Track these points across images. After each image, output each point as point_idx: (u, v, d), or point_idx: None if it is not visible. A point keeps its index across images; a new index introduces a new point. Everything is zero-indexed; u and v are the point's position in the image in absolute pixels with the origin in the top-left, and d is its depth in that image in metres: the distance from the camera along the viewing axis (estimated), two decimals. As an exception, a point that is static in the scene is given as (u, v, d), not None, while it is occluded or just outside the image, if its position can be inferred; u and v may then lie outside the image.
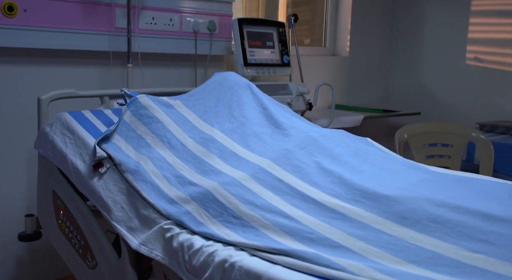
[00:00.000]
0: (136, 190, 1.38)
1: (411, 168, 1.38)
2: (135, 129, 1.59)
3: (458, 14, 3.43)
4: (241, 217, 1.21)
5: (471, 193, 1.20)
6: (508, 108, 3.21)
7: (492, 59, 3.28)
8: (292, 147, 1.42)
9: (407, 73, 3.74)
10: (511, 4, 3.16)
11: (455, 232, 1.03)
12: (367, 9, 3.61)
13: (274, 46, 2.71)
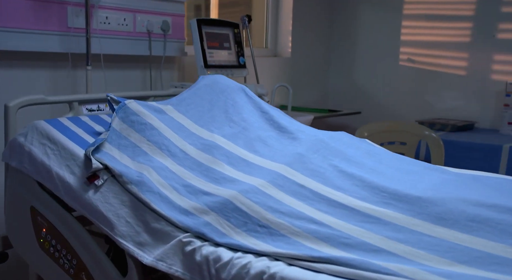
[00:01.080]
0: (144, 202, 1.30)
1: (428, 168, 1.43)
2: (127, 136, 1.49)
3: (391, 18, 3.62)
4: (268, 226, 1.18)
5: (496, 191, 1.25)
6: (439, 106, 3.46)
7: (423, 60, 3.51)
8: (304, 151, 1.42)
9: (345, 73, 3.88)
10: (440, 9, 3.39)
11: (497, 230, 1.07)
12: (307, 11, 3.69)
13: (231, 47, 2.68)
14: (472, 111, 3.32)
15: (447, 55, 3.40)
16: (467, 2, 3.29)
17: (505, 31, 3.15)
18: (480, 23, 3.25)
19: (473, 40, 3.29)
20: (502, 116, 3.03)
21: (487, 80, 3.25)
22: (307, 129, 1.57)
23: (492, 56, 3.22)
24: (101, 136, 1.48)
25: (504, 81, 3.15)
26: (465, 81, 3.34)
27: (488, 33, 3.21)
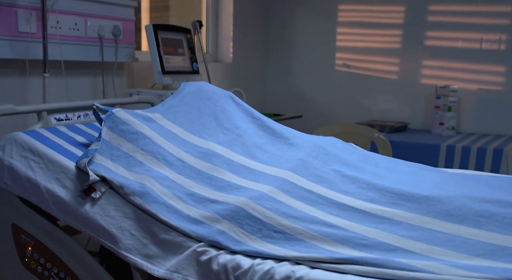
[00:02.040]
0: (151, 213, 1.27)
1: (422, 169, 1.52)
2: (118, 146, 1.45)
3: (326, 24, 3.78)
4: (284, 231, 1.20)
5: (492, 188, 1.37)
6: (374, 108, 3.67)
7: (358, 65, 3.71)
8: (305, 157, 1.45)
9: (283, 78, 3.98)
10: (372, 17, 3.60)
11: (505, 224, 1.17)
12: (246, 17, 3.74)
13: (184, 53, 2.66)
14: (404, 113, 3.56)
15: (380, 60, 3.62)
16: (397, 11, 3.52)
17: (432, 38, 3.42)
18: (409, 30, 3.49)
19: (403, 46, 3.53)
20: (434, 117, 3.28)
21: (417, 84, 3.50)
22: (301, 134, 1.62)
23: (421, 61, 3.48)
24: (92, 147, 1.42)
25: (432, 85, 3.41)
26: (397, 85, 3.57)
27: (417, 40, 3.46)
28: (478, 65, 3.29)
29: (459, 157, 2.81)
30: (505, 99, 3.23)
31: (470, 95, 3.33)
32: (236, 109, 1.68)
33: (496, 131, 3.26)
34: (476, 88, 3.31)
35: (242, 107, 1.70)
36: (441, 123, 3.22)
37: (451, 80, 3.37)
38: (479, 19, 3.26)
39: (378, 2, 3.57)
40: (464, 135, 3.20)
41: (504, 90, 3.23)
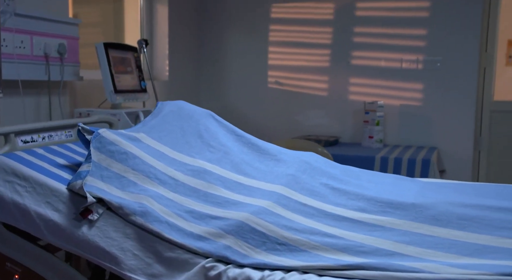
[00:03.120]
0: (154, 232, 1.28)
1: (398, 179, 1.66)
2: (108, 167, 1.43)
3: (258, 44, 3.92)
4: (287, 243, 1.27)
5: (464, 194, 1.53)
6: (306, 124, 3.85)
7: (290, 82, 3.88)
8: (294, 172, 1.53)
9: (216, 96, 4.05)
10: (302, 37, 3.81)
11: (483, 225, 1.32)
12: (180, 35, 3.78)
13: (133, 72, 2.65)
14: (335, 128, 3.79)
15: (310, 78, 3.82)
16: (325, 32, 3.75)
17: (358, 58, 3.68)
18: (337, 50, 3.73)
19: (332, 65, 3.76)
20: (363, 131, 3.52)
21: (345, 100, 3.74)
22: (285, 150, 1.70)
23: (348, 79, 3.73)
24: (83, 168, 1.40)
25: (359, 101, 3.67)
26: (328, 101, 3.79)
27: (344, 59, 3.71)
28: (399, 83, 3.60)
29: (392, 168, 3.05)
30: (424, 113, 3.56)
31: (393, 110, 3.62)
32: (218, 127, 1.73)
33: (418, 143, 3.57)
34: (399, 104, 3.61)
35: (224, 125, 1.76)
36: (371, 136, 3.47)
37: (376, 97, 3.65)
38: (399, 41, 3.57)
39: (307, 24, 3.78)
40: (391, 147, 3.47)
41: (422, 106, 3.56)
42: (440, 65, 3.49)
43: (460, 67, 3.45)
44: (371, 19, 3.62)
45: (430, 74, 3.52)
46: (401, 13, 3.55)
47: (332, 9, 3.73)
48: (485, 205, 1.43)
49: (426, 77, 3.53)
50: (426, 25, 3.50)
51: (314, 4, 3.77)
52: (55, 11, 2.47)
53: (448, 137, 3.51)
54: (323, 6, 3.74)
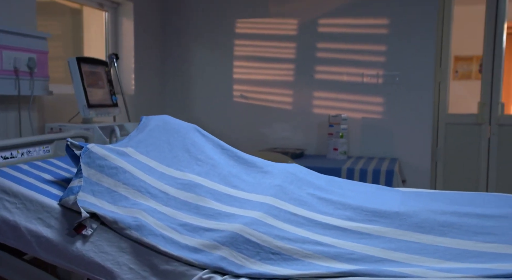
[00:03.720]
0: (150, 245, 1.29)
1: (379, 189, 1.73)
2: (98, 182, 1.43)
3: (223, 58, 3.98)
4: (280, 252, 1.32)
5: (441, 202, 1.62)
6: (272, 137, 3.93)
7: (255, 96, 3.95)
8: (282, 183, 1.58)
9: (182, 110, 4.06)
10: (266, 52, 3.89)
11: (462, 231, 1.41)
12: (146, 50, 3.78)
13: (104, 86, 2.64)
14: (300, 140, 3.87)
15: (275, 92, 3.91)
16: (289, 47, 3.85)
17: (321, 72, 3.80)
18: (301, 65, 3.84)
19: (296, 79, 3.86)
20: (328, 143, 3.63)
21: (310, 113, 3.84)
22: (270, 163, 1.74)
23: (312, 93, 3.83)
24: (74, 184, 1.40)
25: (324, 114, 3.78)
26: (292, 114, 3.88)
27: (308, 73, 3.82)
28: (361, 97, 3.74)
29: (358, 178, 3.15)
30: (384, 126, 3.70)
31: (356, 123, 3.75)
32: (205, 141, 1.76)
33: (379, 154, 3.71)
34: (361, 117, 3.75)
35: (210, 139, 1.79)
36: (335, 149, 3.58)
37: (340, 110, 3.77)
38: (360, 56, 3.72)
39: (271, 39, 3.87)
40: (354, 158, 3.59)
41: (383, 118, 3.71)
42: (398, 79, 3.66)
43: (417, 82, 3.62)
44: (333, 35, 3.75)
45: (390, 88, 3.68)
46: (361, 30, 3.70)
47: (295, 25, 3.84)
48: (462, 212, 1.52)
49: (386, 91, 3.69)
50: (385, 42, 3.66)
51: (278, 20, 3.87)
52: (23, 25, 2.44)
53: (407, 149, 3.66)
54: (287, 22, 3.85)
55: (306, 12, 3.79)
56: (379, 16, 3.65)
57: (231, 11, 3.94)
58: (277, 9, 3.86)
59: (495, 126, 3.76)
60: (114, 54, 2.82)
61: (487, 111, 3.77)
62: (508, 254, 1.30)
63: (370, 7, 3.66)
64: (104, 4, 3.46)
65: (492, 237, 1.39)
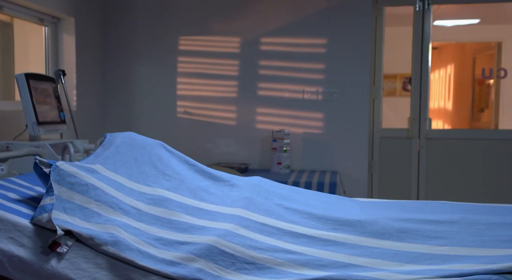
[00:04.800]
0: (128, 260, 1.31)
1: (339, 199, 1.83)
2: (69, 199, 1.43)
3: (167, 74, 4.00)
4: (255, 262, 1.38)
5: (398, 210, 1.75)
6: (216, 152, 3.98)
7: (199, 112, 4.00)
8: (250, 195, 1.64)
9: (125, 126, 4.02)
10: (210, 69, 3.96)
11: (418, 236, 1.53)
12: (87, 66, 3.73)
13: (52, 103, 2.59)
14: (244, 155, 3.96)
15: (219, 108, 3.98)
16: (232, 64, 3.95)
17: (264, 89, 3.92)
18: (244, 81, 3.94)
19: (239, 95, 3.95)
20: (271, 158, 3.74)
21: (253, 129, 3.94)
22: (235, 176, 1.80)
23: (255, 109, 3.94)
24: (46, 202, 1.39)
25: (266, 129, 3.89)
26: (236, 130, 3.96)
27: (251, 90, 3.93)
28: (302, 112, 3.90)
29: (303, 191, 3.28)
30: (324, 140, 3.87)
31: (298, 137, 3.90)
32: (170, 157, 1.79)
33: (320, 167, 3.87)
34: (302, 132, 3.90)
35: (175, 155, 1.82)
36: (279, 163, 3.69)
37: (282, 125, 3.90)
38: (301, 74, 3.88)
39: (215, 56, 3.95)
40: (297, 172, 3.72)
41: (323, 133, 3.88)
42: (337, 96, 3.85)
43: (354, 99, 3.83)
44: (275, 53, 3.89)
45: (329, 104, 3.86)
46: (301, 49, 3.86)
47: (238, 43, 3.94)
48: (417, 219, 1.66)
49: (325, 107, 3.87)
50: (324, 60, 3.85)
51: (220, 38, 3.95)
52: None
53: (346, 161, 3.85)
54: (230, 40, 3.94)
55: (248, 30, 3.91)
56: (318, 36, 3.84)
57: (174, 29, 3.99)
58: (219, 27, 3.95)
59: (424, 140, 4.05)
60: (61, 70, 2.78)
61: (416, 126, 4.04)
62: (458, 256, 1.45)
63: (309, 27, 3.84)
64: (44, 19, 3.39)
65: (444, 240, 1.53)
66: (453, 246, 1.49)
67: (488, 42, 6.69)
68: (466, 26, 6.04)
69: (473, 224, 1.59)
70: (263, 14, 3.88)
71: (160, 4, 3.99)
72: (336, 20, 3.80)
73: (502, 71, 4.45)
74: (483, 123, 6.76)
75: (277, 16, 3.88)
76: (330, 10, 3.81)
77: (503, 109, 6.55)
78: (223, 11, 3.94)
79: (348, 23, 3.79)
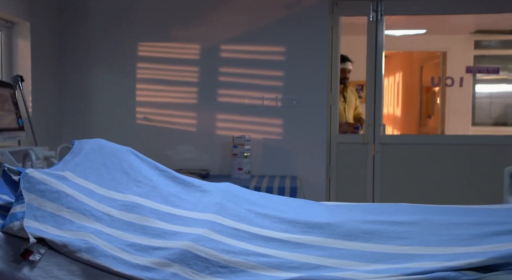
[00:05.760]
0: (103, 267, 1.31)
1: (307, 203, 1.87)
2: (40, 207, 1.41)
3: (126, 81, 3.97)
4: (228, 265, 1.41)
5: (363, 212, 1.81)
6: (176, 158, 3.98)
7: (159, 118, 3.99)
8: (221, 201, 1.66)
9: (83, 134, 3.95)
10: (169, 75, 3.96)
11: (383, 237, 1.60)
12: (43, 71, 3.65)
13: (10, 109, 2.52)
14: (204, 161, 3.97)
15: (179, 114, 3.98)
16: (192, 71, 3.96)
17: (224, 95, 3.96)
18: (204, 88, 3.96)
19: (199, 102, 3.97)
20: (232, 163, 3.77)
21: (214, 135, 3.96)
22: (206, 182, 1.82)
23: (215, 115, 3.97)
24: (16, 209, 1.37)
25: (227, 136, 3.93)
26: (196, 136, 3.97)
27: (211, 96, 3.95)
28: (262, 119, 3.95)
29: (264, 196, 3.32)
30: (284, 146, 3.95)
31: (258, 143, 3.95)
32: (141, 163, 1.79)
33: (280, 172, 3.94)
34: (262, 138, 3.96)
35: (146, 161, 1.82)
36: (240, 168, 3.73)
37: (242, 131, 3.94)
38: (260, 81, 3.94)
39: (174, 63, 3.95)
40: (257, 177, 3.77)
41: (282, 139, 3.95)
42: (295, 103, 3.93)
43: (312, 105, 3.93)
44: (234, 61, 3.94)
45: (288, 111, 3.94)
46: (260, 56, 3.93)
47: (198, 50, 3.96)
48: (381, 220, 1.75)
49: (284, 113, 3.94)
50: (283, 68, 3.93)
51: (180, 45, 3.96)
52: None
53: (305, 167, 3.94)
54: (189, 46, 3.96)
55: (208, 38, 3.94)
56: (277, 44, 3.91)
57: (133, 35, 3.96)
58: (179, 34, 3.96)
59: (379, 145, 4.19)
60: (19, 76, 2.71)
61: (371, 132, 4.18)
62: (420, 255, 1.54)
63: (268, 35, 3.91)
64: (-2, 23, 3.30)
65: (407, 240, 1.62)
66: (415, 246, 1.57)
67: (434, 51, 7.01)
68: (414, 36, 6.31)
69: (433, 224, 1.69)
70: (223, 21, 3.92)
71: (118, 10, 3.95)
72: (294, 28, 3.89)
73: (450, 79, 4.67)
74: (430, 128, 7.05)
75: (237, 24, 3.93)
76: (288, 19, 3.90)
77: (449, 115, 6.86)
78: (183, 18, 3.95)
79: (306, 31, 3.89)
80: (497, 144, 4.10)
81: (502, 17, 4.70)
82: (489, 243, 1.55)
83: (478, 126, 6.94)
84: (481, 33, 6.69)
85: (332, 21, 4.06)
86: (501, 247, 1.50)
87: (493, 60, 6.93)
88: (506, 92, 6.91)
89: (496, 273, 1.42)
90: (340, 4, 4.06)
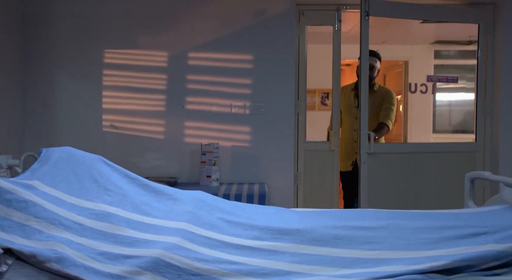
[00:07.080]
0: (73, 277, 1.29)
1: (278, 210, 1.89)
2: (7, 217, 1.38)
3: (91, 88, 3.92)
4: (200, 273, 1.42)
5: (333, 218, 1.83)
6: (143, 166, 3.94)
7: (126, 126, 3.95)
8: (193, 209, 1.66)
9: (46, 141, 3.86)
10: (137, 82, 3.93)
11: (353, 242, 1.63)
12: (4, 78, 3.56)
13: (-27, 116, 2.45)
14: (172, 168, 3.95)
15: (146, 122, 3.95)
16: (159, 78, 3.95)
17: (192, 103, 3.95)
18: (172, 95, 3.95)
19: (167, 109, 3.95)
20: (201, 171, 3.76)
21: (182, 142, 3.95)
22: (178, 190, 1.81)
23: (184, 123, 3.96)
24: (-18, 221, 1.33)
25: (195, 143, 3.92)
26: (164, 144, 3.95)
27: (179, 104, 3.94)
28: (230, 126, 3.97)
29: (233, 203, 3.33)
30: (252, 153, 3.97)
31: (226, 151, 3.96)
32: (111, 172, 1.77)
33: (249, 180, 3.96)
34: (230, 145, 3.97)
35: (116, 169, 1.80)
36: (208, 176, 3.73)
37: (211, 139, 3.94)
38: (228, 89, 3.96)
39: (142, 70, 3.93)
40: (226, 184, 3.78)
41: (250, 146, 3.98)
42: (263, 110, 3.97)
43: (280, 113, 3.97)
44: (202, 68, 3.94)
45: (256, 118, 3.97)
46: (228, 64, 3.95)
47: (165, 57, 3.95)
48: (350, 226, 1.78)
49: (252, 121, 3.97)
50: (251, 76, 3.96)
51: (147, 52, 3.94)
52: None
53: (273, 174, 3.97)
54: (157, 54, 3.94)
55: (175, 45, 3.93)
56: (244, 52, 3.94)
57: (99, 41, 3.92)
58: (146, 41, 3.94)
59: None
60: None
61: (337, 139, 4.25)
62: (388, 259, 1.58)
63: (235, 43, 3.93)
64: (-41, 28, 3.21)
65: (375, 245, 1.65)
66: (383, 250, 1.61)
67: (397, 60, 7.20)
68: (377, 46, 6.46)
69: (400, 229, 1.73)
70: (190, 29, 3.93)
71: (83, 16, 3.91)
72: (262, 37, 3.93)
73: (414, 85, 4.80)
74: (394, 136, 7.21)
75: (204, 31, 3.94)
76: (256, 27, 3.93)
77: (411, 123, 7.04)
78: (150, 25, 3.94)
79: (273, 40, 3.93)
80: (458, 151, 4.24)
81: (460, 27, 4.87)
82: (452, 246, 1.61)
83: (438, 133, 7.14)
84: (441, 43, 6.92)
85: (299, 30, 4.12)
86: (464, 250, 1.56)
87: (452, 69, 7.17)
88: (464, 100, 7.15)
89: (459, 275, 1.48)
90: (307, 14, 4.12)
